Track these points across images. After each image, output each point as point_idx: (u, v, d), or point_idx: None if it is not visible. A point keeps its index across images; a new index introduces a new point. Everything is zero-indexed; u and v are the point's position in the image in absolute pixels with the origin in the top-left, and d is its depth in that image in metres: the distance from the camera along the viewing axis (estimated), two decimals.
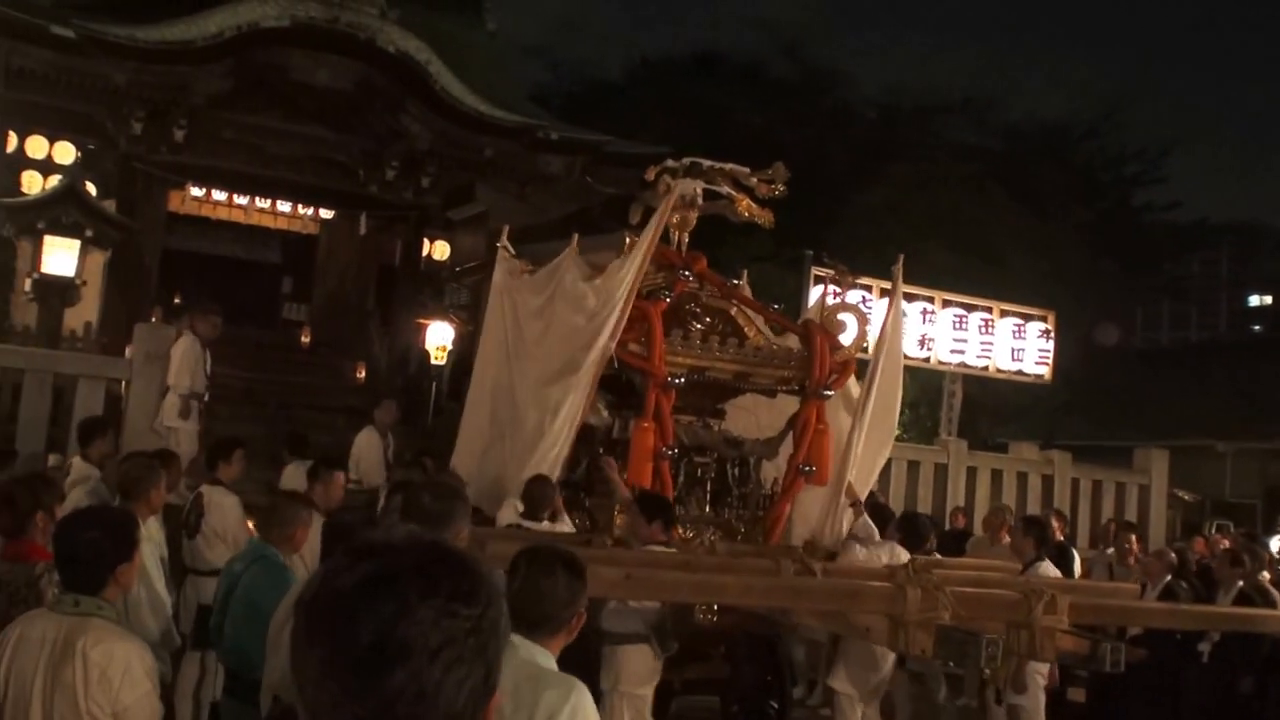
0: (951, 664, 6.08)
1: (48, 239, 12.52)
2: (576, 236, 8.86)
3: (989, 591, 5.03)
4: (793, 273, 17.74)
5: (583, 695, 2.70)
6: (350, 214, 17.82)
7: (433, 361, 16.46)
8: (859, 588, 4.78)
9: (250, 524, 7.06)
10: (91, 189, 13.88)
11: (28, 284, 12.98)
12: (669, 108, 27.53)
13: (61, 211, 12.66)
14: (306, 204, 18.02)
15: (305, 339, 18.89)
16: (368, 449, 11.19)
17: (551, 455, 7.20)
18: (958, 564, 6.89)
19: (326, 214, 18.21)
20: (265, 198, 17.88)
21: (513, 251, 9.21)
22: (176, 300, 19.64)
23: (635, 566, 4.92)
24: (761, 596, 4.83)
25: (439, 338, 16.23)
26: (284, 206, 18.24)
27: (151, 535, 5.87)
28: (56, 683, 3.40)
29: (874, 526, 7.89)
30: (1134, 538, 10.47)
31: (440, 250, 19.17)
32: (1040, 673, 6.24)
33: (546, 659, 2.84)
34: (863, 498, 7.82)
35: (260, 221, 18.83)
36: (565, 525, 6.99)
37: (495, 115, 15.72)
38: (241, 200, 17.95)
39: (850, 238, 23.66)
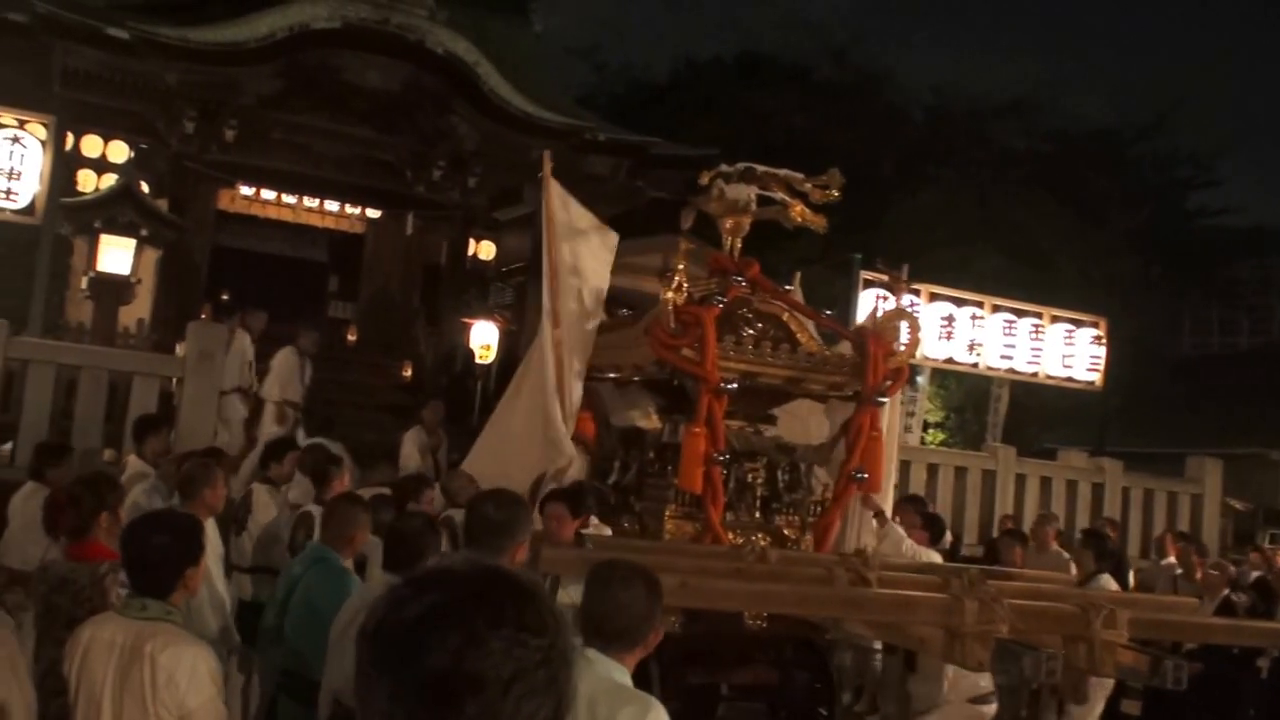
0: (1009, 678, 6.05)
1: (104, 238, 12.74)
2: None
3: (1047, 604, 4.99)
4: (841, 276, 17.70)
5: (659, 713, 2.71)
6: (397, 214, 17.93)
7: (478, 361, 16.57)
8: (915, 599, 4.76)
9: None
10: (144, 187, 14.09)
11: (84, 282, 13.19)
12: (714, 110, 27.50)
13: (117, 211, 12.88)
14: (353, 203, 18.16)
15: (351, 337, 19.03)
16: (412, 447, 11.31)
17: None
18: (1011, 575, 6.84)
19: (373, 213, 18.33)
20: (313, 197, 18.04)
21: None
22: (224, 297, 19.87)
23: (690, 574, 4.93)
24: (817, 607, 4.81)
25: (484, 337, 16.31)
26: (331, 206, 18.37)
27: (209, 536, 5.94)
28: (125, 686, 3.46)
29: (903, 534, 7.92)
30: (1194, 551, 10.38)
31: (486, 250, 19.29)
32: (1104, 686, 6.20)
33: (622, 674, 2.84)
34: (885, 507, 7.85)
35: (307, 220, 18.98)
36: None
37: (543, 116, 15.77)
38: (289, 199, 18.11)
39: (897, 242, 23.51)
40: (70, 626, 4.28)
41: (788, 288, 8.66)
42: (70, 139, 15.04)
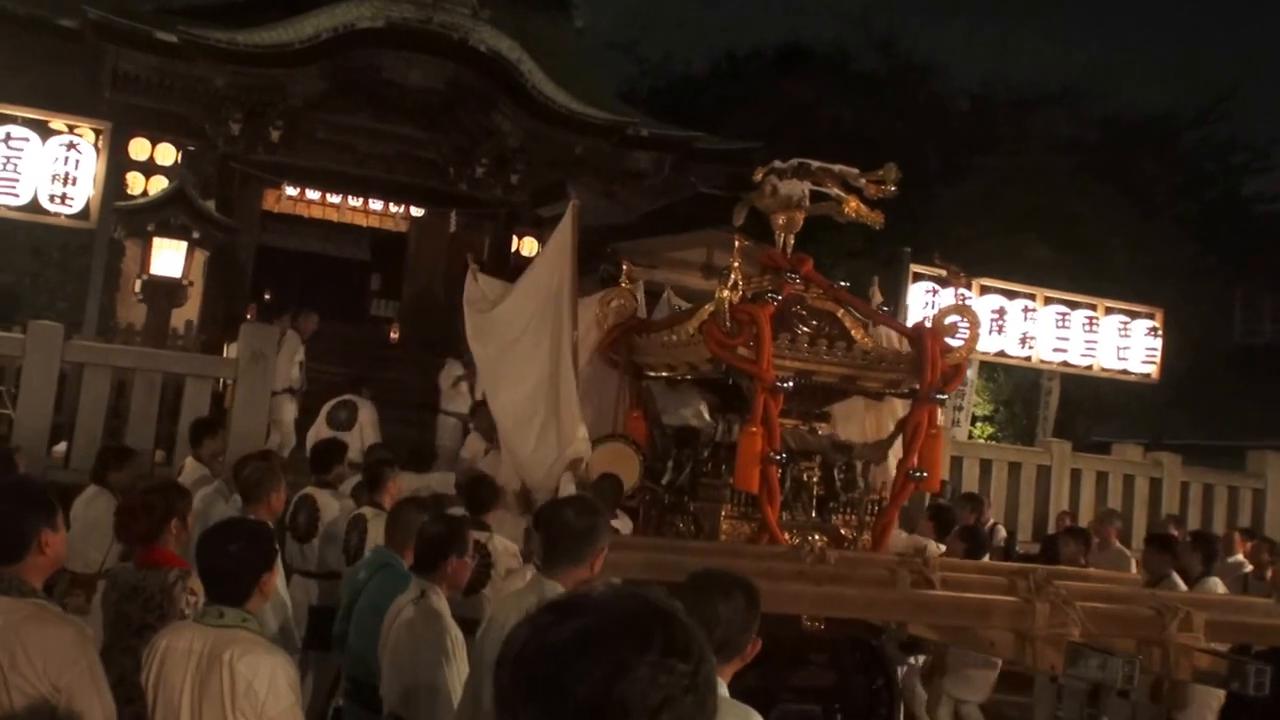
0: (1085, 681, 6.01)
1: (156, 241, 12.92)
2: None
3: (1121, 607, 4.96)
4: (888, 270, 17.63)
5: None
6: (440, 211, 17.99)
7: None
8: (987, 603, 4.74)
9: None
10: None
11: (136, 285, 13.38)
12: (756, 102, 27.38)
13: (170, 214, 13.06)
14: (397, 202, 18.23)
15: (394, 335, 19.14)
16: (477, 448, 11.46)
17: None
18: (1077, 575, 6.79)
19: (416, 212, 18.40)
20: (357, 196, 18.14)
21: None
22: (266, 296, 20.04)
23: (756, 577, 4.93)
24: (885, 611, 4.80)
25: None
26: (375, 204, 18.47)
27: None
28: (204, 693, 3.50)
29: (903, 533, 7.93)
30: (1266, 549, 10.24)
31: (529, 247, 19.31)
32: (1216, 695, 6.07)
33: (720, 686, 2.86)
34: None
35: (351, 219, 19.11)
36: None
37: (586, 113, 15.80)
38: (334, 199, 18.24)
39: (944, 233, 23.39)
40: (140, 634, 4.35)
41: (843, 284, 8.62)
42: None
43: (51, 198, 12.14)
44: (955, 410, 15.24)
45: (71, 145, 12.09)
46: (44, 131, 12.24)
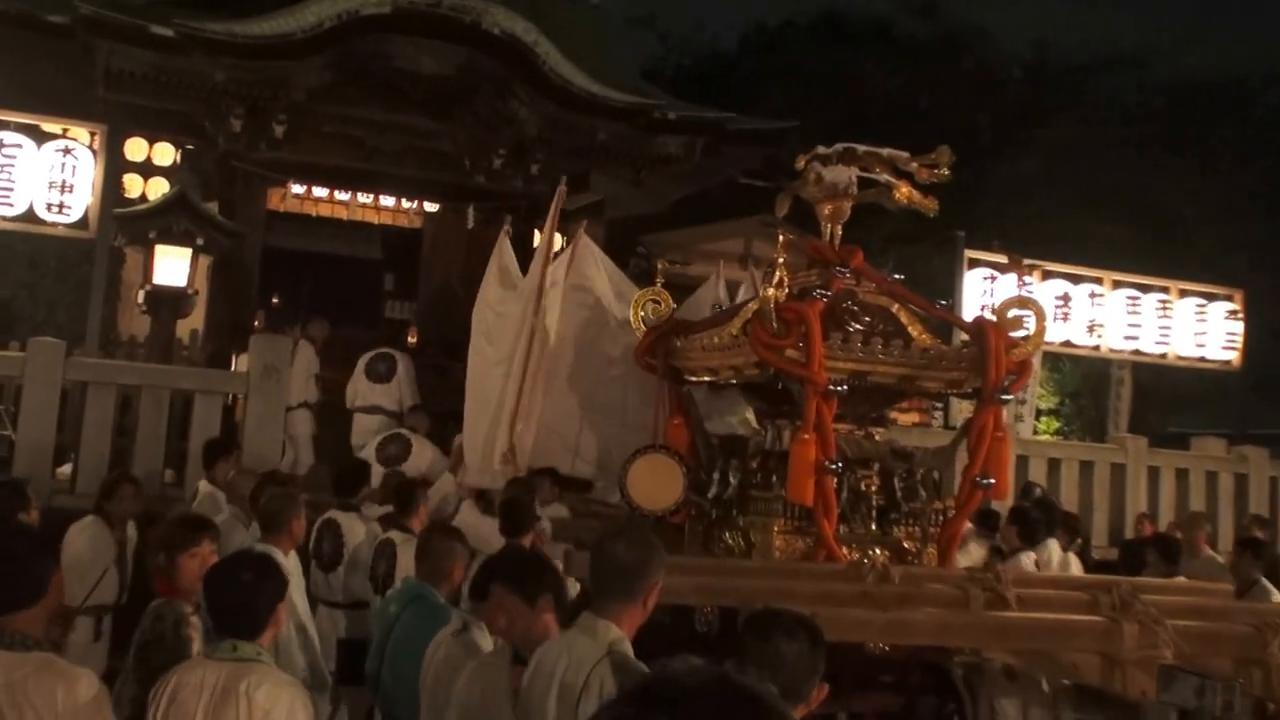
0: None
1: (159, 248, 13.00)
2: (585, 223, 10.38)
3: (1216, 625, 4.92)
4: (940, 255, 17.56)
5: None
6: (456, 206, 17.95)
7: None
8: (1069, 624, 4.71)
9: None
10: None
11: (139, 295, 13.46)
12: (791, 77, 27.30)
13: (172, 220, 13.13)
14: (410, 197, 18.23)
15: (411, 339, 19.18)
16: None
17: None
18: (1165, 587, 6.73)
19: (431, 207, 18.41)
20: (367, 192, 18.13)
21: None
22: (275, 301, 20.11)
23: (817, 602, 4.92)
24: (959, 636, 4.78)
25: None
26: (386, 200, 18.46)
27: (292, 570, 6.04)
28: None
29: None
30: None
31: (555, 242, 19.32)
32: None
33: None
34: None
35: (361, 217, 19.10)
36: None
37: (608, 95, 15.76)
38: (342, 195, 18.22)
39: (999, 214, 23.28)
40: (149, 666, 4.43)
41: (898, 277, 8.60)
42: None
43: (49, 206, 12.27)
44: (1018, 404, 15.15)
45: (67, 150, 12.20)
46: (38, 136, 12.35)
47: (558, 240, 16.95)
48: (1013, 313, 7.51)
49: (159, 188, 15.09)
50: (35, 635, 3.52)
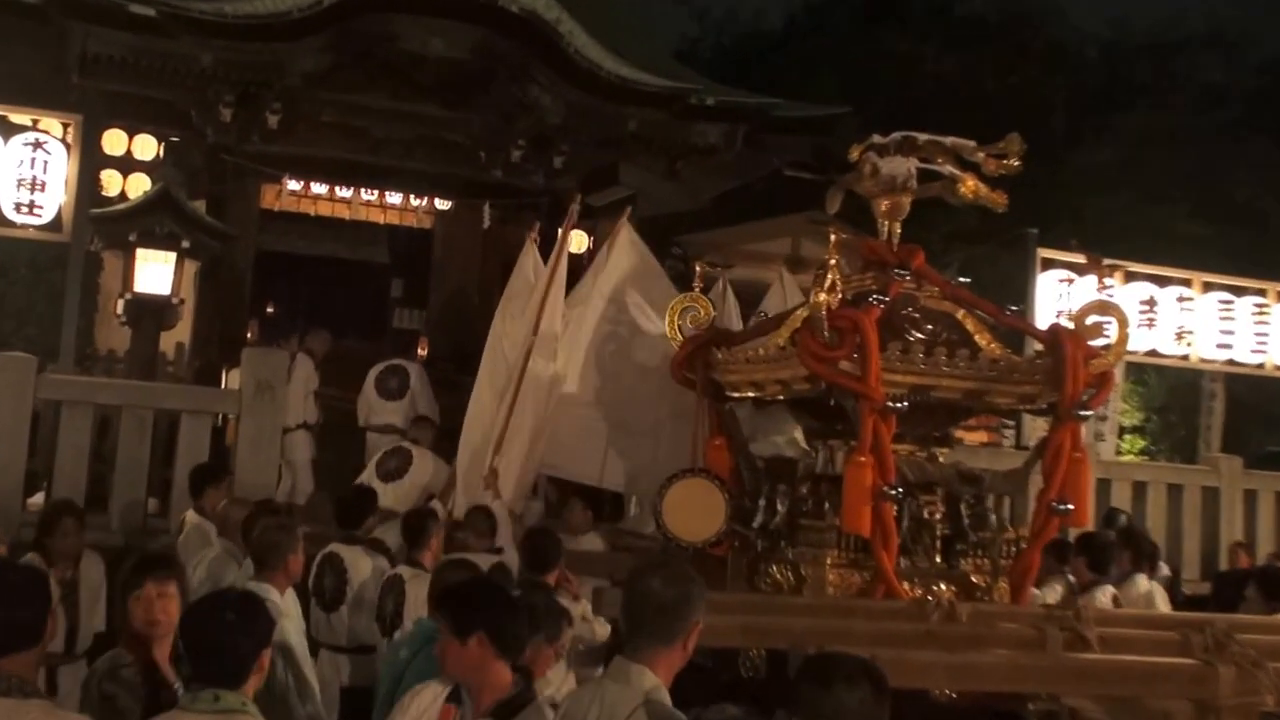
0: None
1: (140, 253, 13.04)
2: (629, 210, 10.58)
3: None
4: (1011, 255, 17.50)
5: None
6: (471, 203, 18.01)
7: None
8: (1157, 667, 4.68)
9: None
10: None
11: (118, 305, 13.50)
12: (843, 58, 27.25)
13: (155, 220, 13.17)
14: (419, 194, 18.30)
15: (422, 351, 19.21)
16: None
17: None
18: (1265, 625, 6.67)
19: (443, 204, 18.47)
20: (372, 189, 18.22)
21: None
22: (270, 311, 20.22)
23: (874, 643, 4.90)
24: (1035, 681, 4.75)
25: None
26: (393, 198, 18.54)
27: (292, 611, 6.06)
28: None
29: None
30: None
31: (578, 242, 19.31)
32: None
33: None
34: None
35: (366, 216, 19.17)
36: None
37: (639, 80, 15.77)
38: (344, 192, 18.30)
39: (1074, 208, 23.22)
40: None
41: (964, 280, 8.58)
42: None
43: (17, 206, 12.27)
44: (1098, 421, 15.09)
45: (38, 144, 12.24)
46: (5, 129, 12.38)
47: (584, 240, 17.18)
48: (1092, 319, 7.49)
49: (140, 185, 15.13)
50: (31, 681, 3.56)
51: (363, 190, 18.28)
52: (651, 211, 17.12)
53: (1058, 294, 15.50)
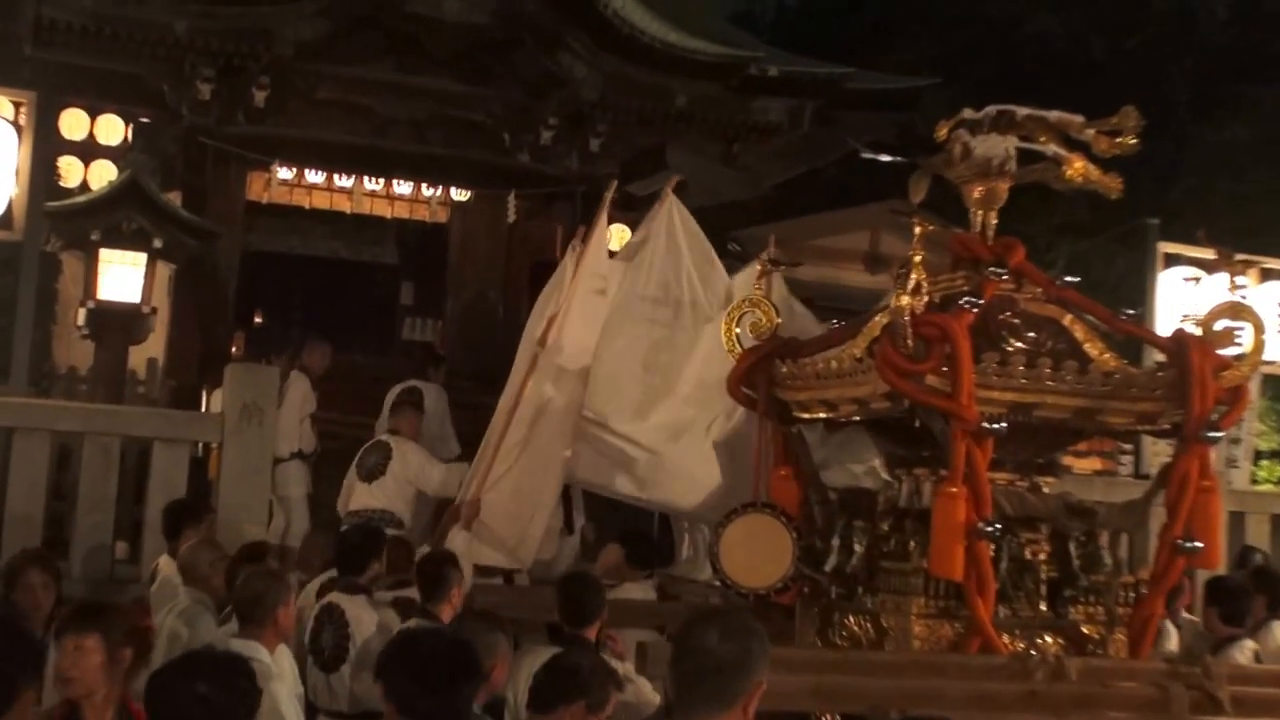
0: None
1: (105, 254, 13.08)
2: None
3: None
4: (1127, 251, 17.45)
5: None
6: (493, 193, 18.08)
7: None
8: None
9: None
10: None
11: (79, 316, 13.52)
12: (928, 21, 27.23)
13: (121, 216, 13.20)
14: (432, 183, 18.37)
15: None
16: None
17: None
18: None
19: (460, 195, 18.53)
20: (376, 177, 18.27)
21: None
22: (258, 321, 20.32)
23: (965, 705, 4.91)
24: None
25: None
26: (402, 188, 18.61)
27: (284, 671, 6.10)
28: None
29: None
30: None
31: (618, 237, 19.34)
32: None
33: None
34: None
35: (371, 209, 19.26)
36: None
37: (690, 47, 15.84)
38: (345, 182, 18.37)
39: (1201, 195, 23.13)
40: None
41: (1072, 280, 8.56)
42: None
43: None
44: (1231, 443, 15.02)
45: None
46: None
47: (620, 234, 17.22)
48: (1222, 324, 7.47)
49: (104, 174, 15.25)
50: None
51: (366, 179, 18.34)
52: (704, 201, 17.13)
53: (1182, 295, 15.45)
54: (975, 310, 7.25)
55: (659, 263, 9.87)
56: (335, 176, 18.19)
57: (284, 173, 17.78)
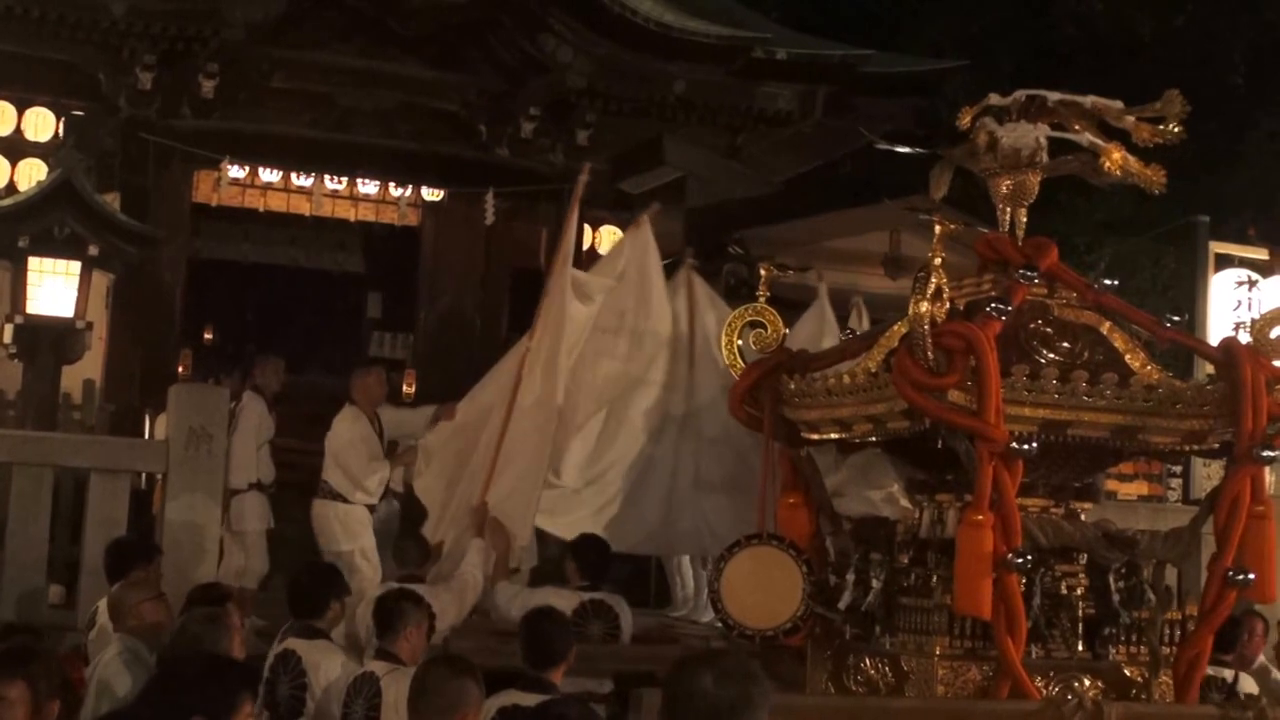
0: None
1: (34, 262, 13.08)
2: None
3: None
4: (1173, 252, 17.49)
5: None
6: (469, 192, 18.05)
7: None
8: None
9: None
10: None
11: (7, 332, 13.49)
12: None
13: (53, 220, 13.18)
14: (401, 181, 18.32)
15: (408, 388, 19.25)
16: None
17: None
18: None
19: (432, 195, 18.49)
20: (339, 175, 18.20)
21: None
22: (208, 337, 20.31)
23: None
24: None
25: None
26: (367, 187, 18.55)
27: None
28: None
29: None
30: None
31: (609, 239, 19.38)
32: None
33: None
34: None
35: (332, 211, 19.15)
36: None
37: (688, 28, 15.84)
38: (303, 181, 18.30)
39: (1257, 190, 23.14)
40: None
41: (1111, 283, 8.62)
42: None
43: None
44: None
45: None
46: None
47: (611, 236, 17.28)
48: (1277, 332, 7.53)
49: (33, 173, 15.29)
50: None
51: (327, 178, 18.25)
52: (706, 199, 17.18)
53: (1234, 300, 15.50)
54: (1003, 318, 7.29)
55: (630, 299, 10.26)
56: (292, 175, 18.10)
57: (235, 171, 17.71)
